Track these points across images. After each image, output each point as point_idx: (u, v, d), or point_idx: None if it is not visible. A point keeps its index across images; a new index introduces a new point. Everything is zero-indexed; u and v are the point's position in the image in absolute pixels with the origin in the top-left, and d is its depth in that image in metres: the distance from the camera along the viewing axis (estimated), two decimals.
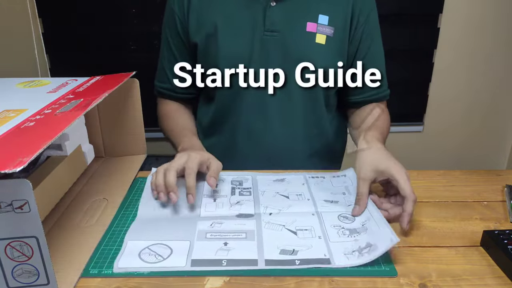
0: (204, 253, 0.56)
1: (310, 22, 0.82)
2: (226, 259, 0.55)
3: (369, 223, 0.61)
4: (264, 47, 0.82)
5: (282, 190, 0.73)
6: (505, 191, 0.75)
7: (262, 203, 0.69)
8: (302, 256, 0.56)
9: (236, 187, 0.74)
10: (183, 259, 0.55)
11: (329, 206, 0.68)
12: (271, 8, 0.81)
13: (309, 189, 0.73)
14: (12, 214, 0.44)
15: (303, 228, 0.62)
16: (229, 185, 0.75)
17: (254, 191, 0.73)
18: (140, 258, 0.56)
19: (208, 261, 0.55)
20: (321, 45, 0.82)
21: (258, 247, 0.58)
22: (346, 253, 0.56)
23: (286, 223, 0.63)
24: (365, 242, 0.57)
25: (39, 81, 0.75)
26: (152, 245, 0.58)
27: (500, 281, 0.53)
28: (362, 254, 0.55)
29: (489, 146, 1.88)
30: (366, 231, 0.60)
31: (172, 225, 0.63)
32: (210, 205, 0.68)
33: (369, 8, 0.86)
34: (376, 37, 0.89)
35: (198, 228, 0.62)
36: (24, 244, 0.46)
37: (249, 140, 0.89)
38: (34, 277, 0.47)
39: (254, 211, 0.67)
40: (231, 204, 0.68)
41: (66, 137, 0.73)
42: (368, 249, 0.56)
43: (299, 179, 0.77)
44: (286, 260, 0.55)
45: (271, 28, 0.82)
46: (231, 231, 0.61)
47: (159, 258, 0.56)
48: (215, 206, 0.68)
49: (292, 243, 0.58)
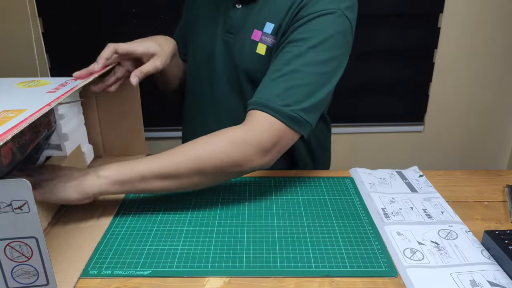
0: None
1: (257, 29, 0.77)
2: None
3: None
4: (223, 47, 0.82)
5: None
6: (505, 191, 0.74)
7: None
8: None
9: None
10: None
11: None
12: (235, 10, 0.80)
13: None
14: (11, 215, 0.44)
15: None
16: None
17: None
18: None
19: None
20: (260, 55, 0.76)
21: None
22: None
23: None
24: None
25: (39, 81, 0.75)
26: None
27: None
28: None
29: (490, 146, 1.88)
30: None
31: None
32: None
33: (307, 12, 0.71)
34: (298, 41, 0.70)
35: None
36: (24, 245, 0.46)
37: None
38: (33, 277, 0.47)
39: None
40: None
41: (65, 137, 0.73)
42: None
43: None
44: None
45: (229, 29, 0.81)
46: None
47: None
48: None
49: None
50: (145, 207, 0.69)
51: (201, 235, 0.62)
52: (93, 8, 1.54)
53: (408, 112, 1.79)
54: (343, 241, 0.60)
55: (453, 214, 0.66)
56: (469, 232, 0.62)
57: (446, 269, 0.54)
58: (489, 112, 1.81)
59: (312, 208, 0.69)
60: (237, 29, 0.79)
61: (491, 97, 1.79)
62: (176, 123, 1.78)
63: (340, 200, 0.71)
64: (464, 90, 1.77)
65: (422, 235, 0.61)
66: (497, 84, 1.77)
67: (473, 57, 1.71)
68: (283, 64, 0.69)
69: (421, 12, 1.64)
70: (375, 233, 0.62)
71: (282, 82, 0.68)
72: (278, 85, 0.68)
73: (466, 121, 1.82)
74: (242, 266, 0.55)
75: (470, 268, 0.54)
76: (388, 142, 1.82)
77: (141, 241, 0.61)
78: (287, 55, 0.70)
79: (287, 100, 0.66)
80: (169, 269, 0.55)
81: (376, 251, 0.58)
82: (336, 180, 0.78)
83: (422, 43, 1.69)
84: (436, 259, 0.56)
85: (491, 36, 1.68)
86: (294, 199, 0.72)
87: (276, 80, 0.68)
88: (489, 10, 1.64)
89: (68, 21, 1.56)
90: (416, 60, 1.72)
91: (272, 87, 0.68)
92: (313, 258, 0.57)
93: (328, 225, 0.64)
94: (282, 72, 0.68)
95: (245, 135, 0.65)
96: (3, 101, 0.64)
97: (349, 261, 0.56)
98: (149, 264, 0.56)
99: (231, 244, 0.60)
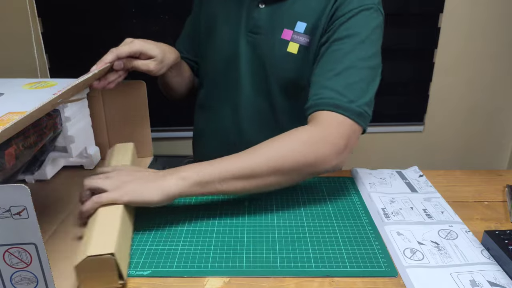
0: None
1: (287, 29, 0.78)
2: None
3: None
4: (243, 47, 0.82)
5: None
6: (506, 191, 0.74)
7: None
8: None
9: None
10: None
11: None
12: (259, 9, 0.81)
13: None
14: (10, 220, 0.43)
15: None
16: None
17: None
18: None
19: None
20: (292, 54, 0.78)
21: None
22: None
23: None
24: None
25: (45, 82, 0.74)
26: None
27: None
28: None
29: (490, 146, 1.88)
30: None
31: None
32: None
33: (347, 9, 0.73)
34: (345, 38, 0.72)
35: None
36: (23, 251, 0.45)
37: (222, 146, 0.89)
38: (33, 284, 0.47)
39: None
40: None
41: (71, 139, 0.72)
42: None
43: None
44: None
45: (253, 29, 0.81)
46: None
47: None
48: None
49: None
50: (145, 208, 0.69)
51: (201, 235, 0.62)
52: (93, 8, 1.54)
53: (408, 112, 1.79)
54: (343, 241, 0.60)
55: (453, 214, 0.66)
56: (469, 232, 0.62)
57: (446, 269, 0.54)
58: (489, 112, 1.81)
59: (312, 208, 0.69)
60: (262, 29, 0.80)
61: (491, 97, 1.79)
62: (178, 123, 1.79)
63: (340, 200, 0.71)
64: (464, 90, 1.77)
65: (422, 235, 0.61)
66: (497, 84, 1.76)
67: (473, 57, 1.71)
68: (335, 63, 0.71)
69: (421, 12, 1.64)
70: (375, 233, 0.62)
71: (340, 80, 0.69)
72: (337, 83, 0.69)
73: (466, 121, 1.82)
74: (242, 266, 0.55)
75: (470, 268, 0.54)
76: (388, 142, 1.82)
77: (141, 241, 0.61)
78: (337, 53, 0.72)
79: (350, 97, 0.67)
80: (169, 269, 0.55)
81: (376, 251, 0.58)
82: (336, 180, 0.78)
83: (422, 43, 1.69)
84: (436, 259, 0.56)
85: (491, 36, 1.68)
86: (294, 199, 0.72)
87: (333, 79, 0.69)
88: (489, 10, 1.64)
89: (68, 21, 1.56)
90: (416, 60, 1.72)
91: (332, 87, 0.69)
92: (313, 258, 0.57)
93: (328, 225, 0.64)
94: (337, 70, 0.70)
95: (318, 136, 0.65)
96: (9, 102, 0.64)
97: (349, 261, 0.56)
98: (149, 264, 0.56)
99: (231, 244, 0.60)
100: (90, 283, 0.50)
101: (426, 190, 0.73)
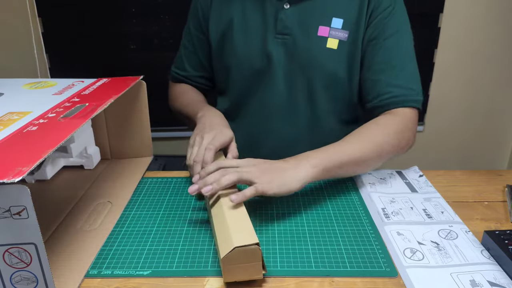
0: None
1: (323, 26, 0.80)
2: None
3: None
4: (274, 50, 0.82)
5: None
6: (506, 191, 0.74)
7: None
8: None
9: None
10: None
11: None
12: (284, 10, 0.81)
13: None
14: (10, 220, 0.43)
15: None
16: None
17: None
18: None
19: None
20: (332, 50, 0.80)
21: None
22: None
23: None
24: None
25: (45, 82, 0.74)
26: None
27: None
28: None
29: (490, 146, 1.88)
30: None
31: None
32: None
33: (387, 4, 0.79)
34: (394, 34, 0.80)
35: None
36: (23, 251, 0.45)
37: (250, 144, 0.88)
38: (33, 284, 0.47)
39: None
40: None
41: (71, 139, 0.72)
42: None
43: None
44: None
45: (282, 31, 0.81)
46: None
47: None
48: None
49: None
50: (145, 208, 0.69)
51: (201, 235, 0.62)
52: (93, 8, 1.54)
53: None
54: (343, 241, 0.60)
55: (453, 214, 0.66)
56: (469, 232, 0.62)
57: (446, 269, 0.54)
58: (489, 112, 1.81)
59: (312, 208, 0.69)
60: (292, 29, 0.81)
61: (491, 97, 1.79)
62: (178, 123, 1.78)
63: (340, 200, 0.71)
64: (464, 90, 1.77)
65: (422, 235, 0.61)
66: (497, 84, 1.76)
67: (473, 57, 1.71)
68: (391, 58, 0.79)
69: (421, 12, 1.64)
70: (375, 233, 0.62)
71: (404, 75, 0.79)
72: (404, 79, 0.79)
73: (466, 121, 1.82)
74: None
75: (470, 268, 0.54)
76: None
77: (141, 241, 0.61)
78: (391, 49, 0.80)
79: (415, 88, 0.80)
80: (169, 269, 0.55)
81: (376, 251, 0.58)
82: (336, 180, 0.78)
83: (422, 43, 1.69)
84: (436, 259, 0.56)
85: (491, 36, 1.68)
86: (294, 199, 0.72)
87: (399, 76, 0.79)
88: (489, 10, 1.64)
89: (68, 21, 1.56)
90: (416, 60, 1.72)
91: (400, 84, 0.79)
92: (313, 258, 0.57)
93: (328, 225, 0.64)
94: (399, 67, 0.79)
95: (402, 125, 0.76)
96: (9, 102, 0.64)
97: (349, 261, 0.56)
98: (149, 264, 0.56)
99: None
100: (237, 274, 0.51)
101: (426, 190, 0.73)
